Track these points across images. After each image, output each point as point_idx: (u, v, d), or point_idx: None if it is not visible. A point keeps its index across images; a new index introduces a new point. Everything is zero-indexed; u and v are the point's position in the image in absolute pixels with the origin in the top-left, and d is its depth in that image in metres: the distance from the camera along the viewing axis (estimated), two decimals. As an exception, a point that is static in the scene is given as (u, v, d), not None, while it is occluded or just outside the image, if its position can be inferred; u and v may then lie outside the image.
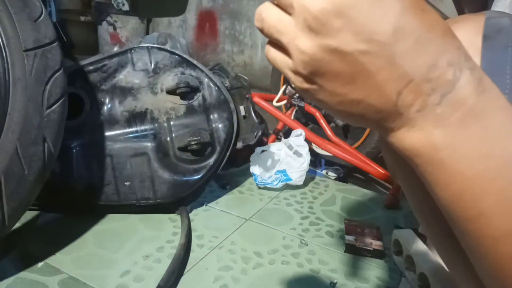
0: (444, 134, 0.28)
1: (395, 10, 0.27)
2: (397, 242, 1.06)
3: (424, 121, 0.28)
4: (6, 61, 0.89)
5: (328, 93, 0.30)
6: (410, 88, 0.28)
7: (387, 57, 0.28)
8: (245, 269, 1.01)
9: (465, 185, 0.29)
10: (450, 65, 0.28)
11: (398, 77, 0.28)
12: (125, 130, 1.21)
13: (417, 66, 0.28)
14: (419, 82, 0.28)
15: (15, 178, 0.89)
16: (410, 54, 0.28)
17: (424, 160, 0.29)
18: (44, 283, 0.92)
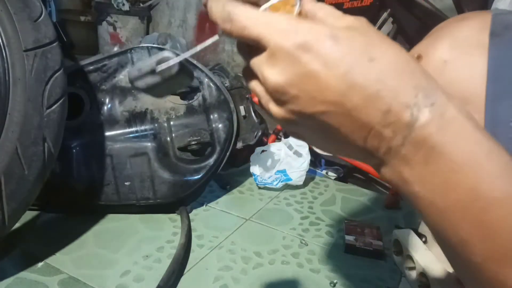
0: (412, 171, 0.30)
1: (341, 71, 0.29)
2: (397, 242, 1.05)
3: (392, 160, 0.31)
4: (6, 61, 0.89)
5: (311, 142, 0.36)
6: (372, 135, 0.30)
7: (344, 113, 0.30)
8: (245, 269, 1.01)
9: (442, 215, 0.31)
10: (406, 107, 0.29)
11: (359, 127, 0.30)
12: (125, 130, 1.21)
13: (373, 115, 0.30)
14: (379, 129, 0.30)
15: (15, 178, 0.89)
16: (363, 107, 0.30)
17: (403, 192, 0.32)
18: (44, 283, 0.92)
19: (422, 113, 0.29)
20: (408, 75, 0.30)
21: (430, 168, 0.30)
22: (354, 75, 0.29)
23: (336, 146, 0.34)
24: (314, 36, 0.30)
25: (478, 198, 0.29)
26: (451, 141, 0.29)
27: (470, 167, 0.29)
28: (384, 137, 0.30)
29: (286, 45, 0.30)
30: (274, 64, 0.31)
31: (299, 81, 0.30)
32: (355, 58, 0.30)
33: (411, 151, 0.30)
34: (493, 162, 0.29)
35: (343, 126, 0.31)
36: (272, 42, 0.31)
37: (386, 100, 0.29)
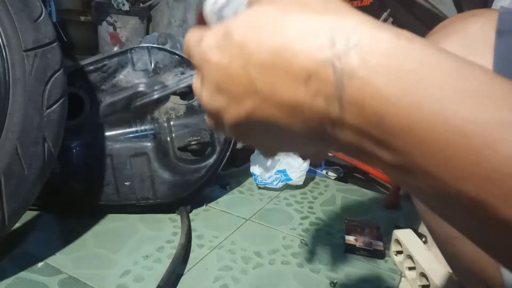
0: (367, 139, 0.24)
1: (232, 54, 0.26)
2: (397, 242, 1.06)
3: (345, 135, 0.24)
4: (6, 61, 0.89)
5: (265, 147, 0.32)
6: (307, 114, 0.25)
7: (268, 100, 0.25)
8: (245, 269, 1.01)
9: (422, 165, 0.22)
10: (325, 63, 0.23)
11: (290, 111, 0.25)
12: (125, 130, 1.21)
13: (297, 91, 0.24)
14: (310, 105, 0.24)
15: (15, 178, 0.89)
16: (279, 84, 0.25)
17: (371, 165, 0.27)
18: (44, 283, 0.92)
19: (347, 60, 0.22)
20: (321, 26, 0.24)
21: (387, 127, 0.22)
22: (256, 53, 0.25)
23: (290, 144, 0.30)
24: (207, 35, 0.28)
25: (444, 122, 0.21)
26: (393, 79, 0.22)
27: (424, 88, 0.21)
28: (320, 111, 0.24)
29: (193, 54, 0.30)
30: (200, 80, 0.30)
31: (213, 91, 0.28)
32: (253, 34, 0.25)
33: (356, 115, 0.23)
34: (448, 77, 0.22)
35: (278, 118, 0.26)
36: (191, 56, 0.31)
37: (300, 65, 0.24)
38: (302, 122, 0.25)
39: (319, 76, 0.23)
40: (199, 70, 0.29)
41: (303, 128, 0.25)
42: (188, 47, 0.31)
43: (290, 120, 0.25)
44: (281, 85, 0.24)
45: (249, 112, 0.26)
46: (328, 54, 0.23)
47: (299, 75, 0.24)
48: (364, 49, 0.22)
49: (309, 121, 0.25)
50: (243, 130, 0.28)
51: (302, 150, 0.31)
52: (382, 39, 0.23)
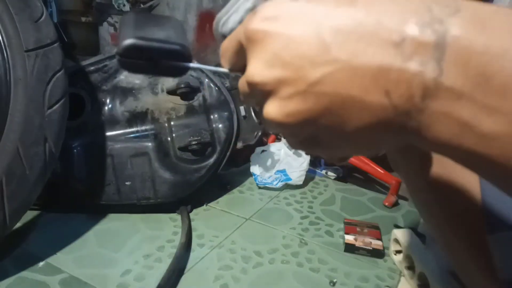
0: (471, 103, 0.21)
1: (314, 23, 0.24)
2: (396, 242, 1.06)
3: (440, 103, 0.22)
4: (7, 61, 0.90)
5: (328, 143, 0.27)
6: (394, 80, 0.23)
7: (342, 69, 0.23)
8: (245, 268, 1.02)
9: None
10: (423, 27, 0.22)
11: (372, 77, 0.23)
12: (126, 130, 1.22)
13: (384, 53, 0.23)
14: (400, 66, 0.22)
15: (16, 178, 0.89)
16: (364, 49, 0.23)
17: (465, 147, 0.23)
18: (45, 282, 0.93)
19: (449, 23, 0.22)
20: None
21: (494, 89, 0.21)
22: (337, 19, 0.24)
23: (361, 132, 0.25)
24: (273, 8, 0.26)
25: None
26: (502, 40, 0.21)
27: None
28: (411, 74, 0.22)
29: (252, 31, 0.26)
30: (249, 60, 0.27)
31: (279, 58, 0.25)
32: (331, 3, 0.24)
33: (458, 75, 0.21)
34: None
35: (350, 87, 0.23)
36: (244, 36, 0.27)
37: (392, 27, 0.22)
38: (384, 91, 0.23)
39: (416, 39, 0.22)
40: (251, 46, 0.26)
41: (384, 98, 0.23)
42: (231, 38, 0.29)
43: (370, 90, 0.23)
44: (365, 50, 0.23)
45: (317, 82, 0.24)
46: (426, 19, 0.22)
47: (389, 38, 0.22)
48: (468, 14, 0.22)
49: (394, 89, 0.22)
50: (304, 111, 0.25)
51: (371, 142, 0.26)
52: (485, 6, 0.22)
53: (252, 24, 0.26)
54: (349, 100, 0.24)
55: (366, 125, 0.24)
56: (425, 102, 0.22)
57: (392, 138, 0.25)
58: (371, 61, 0.23)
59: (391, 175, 1.42)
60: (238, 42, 0.28)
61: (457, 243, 0.50)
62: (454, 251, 0.52)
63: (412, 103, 0.23)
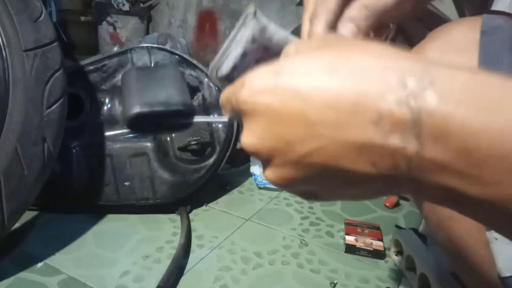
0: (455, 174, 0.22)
1: (297, 98, 0.25)
2: (397, 242, 1.06)
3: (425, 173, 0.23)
4: (6, 61, 0.89)
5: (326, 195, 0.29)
6: (379, 154, 0.24)
7: (328, 144, 0.24)
8: (245, 269, 1.01)
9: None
10: (398, 103, 0.23)
11: (358, 152, 0.24)
12: (125, 130, 1.21)
13: (365, 131, 0.23)
14: (382, 143, 0.23)
15: (15, 178, 0.89)
16: (345, 126, 0.24)
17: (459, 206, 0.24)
18: (44, 283, 0.92)
19: (424, 99, 0.22)
20: (385, 69, 0.24)
21: (475, 161, 0.22)
22: (320, 92, 0.24)
23: (355, 192, 0.27)
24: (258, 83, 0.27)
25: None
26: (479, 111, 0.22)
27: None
28: (394, 149, 0.23)
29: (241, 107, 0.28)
30: (244, 128, 0.28)
31: (267, 131, 0.26)
32: (313, 77, 0.25)
33: (438, 150, 0.22)
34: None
35: (338, 159, 0.25)
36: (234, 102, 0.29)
37: (370, 105, 0.23)
38: (370, 162, 0.24)
39: (393, 116, 0.23)
40: (243, 116, 0.28)
41: (371, 168, 0.24)
42: (227, 95, 0.30)
43: (356, 161, 0.24)
44: (346, 127, 0.24)
45: (306, 155, 0.25)
46: (401, 95, 0.23)
47: (368, 116, 0.23)
48: (442, 86, 0.22)
49: (379, 161, 0.24)
50: (298, 178, 0.27)
51: (366, 193, 0.28)
52: (459, 75, 0.23)
53: (241, 96, 0.27)
54: (339, 170, 0.25)
55: (358, 188, 0.26)
56: (411, 172, 0.23)
57: (384, 193, 0.28)
58: (353, 137, 0.24)
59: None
60: (231, 103, 0.30)
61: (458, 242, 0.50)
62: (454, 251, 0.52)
63: (399, 172, 0.24)
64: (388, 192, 0.27)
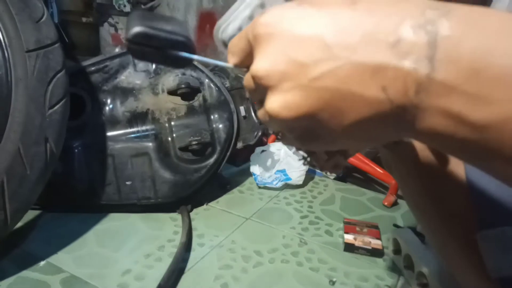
0: (464, 97, 0.23)
1: (322, 21, 0.26)
2: (395, 241, 1.06)
3: (433, 97, 0.24)
4: (8, 62, 0.90)
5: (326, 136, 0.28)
6: (391, 77, 0.24)
7: (343, 65, 0.25)
8: (245, 268, 1.02)
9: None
10: (417, 27, 0.24)
11: (371, 74, 0.25)
12: (126, 130, 1.22)
13: (381, 52, 0.25)
14: (396, 64, 0.24)
15: (17, 178, 0.89)
16: (364, 47, 0.25)
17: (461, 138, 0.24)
18: (46, 282, 0.93)
19: (441, 24, 0.24)
20: (408, 0, 0.26)
21: (484, 81, 0.22)
22: (340, 19, 0.26)
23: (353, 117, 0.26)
24: (280, 11, 0.28)
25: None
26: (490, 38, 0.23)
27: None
28: (406, 71, 0.24)
29: (259, 31, 0.28)
30: (255, 57, 0.29)
31: (285, 53, 0.27)
32: (333, 6, 0.26)
33: (448, 71, 0.23)
34: None
35: (350, 82, 0.25)
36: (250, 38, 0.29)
37: (389, 30, 0.25)
38: (381, 87, 0.25)
39: (409, 39, 0.24)
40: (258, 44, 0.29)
41: (381, 93, 0.25)
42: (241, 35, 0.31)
43: (368, 85, 0.25)
44: (363, 49, 0.25)
45: (318, 77, 0.26)
46: (420, 21, 0.24)
47: (386, 39, 0.24)
48: (458, 14, 0.24)
49: (390, 85, 0.24)
50: (304, 105, 0.27)
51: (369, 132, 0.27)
52: (475, 8, 0.24)
53: (259, 24, 0.28)
54: (349, 94, 0.25)
55: (364, 118, 0.26)
56: (419, 96, 0.24)
57: (387, 131, 0.27)
58: (369, 60, 0.25)
59: (390, 175, 1.42)
60: (246, 40, 0.31)
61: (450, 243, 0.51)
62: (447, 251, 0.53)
63: (407, 98, 0.24)
64: (389, 131, 0.27)
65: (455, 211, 0.48)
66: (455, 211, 0.48)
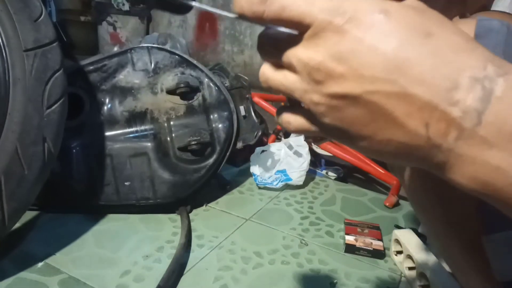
0: (503, 153, 0.25)
1: (392, 45, 0.26)
2: (397, 242, 1.06)
3: (471, 148, 0.26)
4: (6, 61, 0.89)
5: (356, 137, 0.29)
6: (437, 117, 0.26)
7: (398, 92, 0.26)
8: (245, 269, 1.01)
9: None
10: (475, 81, 0.25)
11: (419, 108, 0.26)
12: (125, 130, 1.21)
13: (435, 93, 0.26)
14: (445, 108, 0.25)
15: (15, 178, 0.89)
16: (421, 83, 0.26)
17: (497, 187, 0.26)
18: (44, 283, 0.92)
19: (497, 84, 0.25)
20: (471, 50, 0.26)
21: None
22: (409, 49, 0.26)
23: (387, 137, 0.28)
24: (363, 10, 0.27)
25: None
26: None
27: None
28: (452, 118, 0.25)
29: (333, 21, 0.27)
30: (318, 44, 0.28)
31: (345, 58, 0.27)
32: (409, 32, 0.27)
33: (493, 130, 0.25)
34: None
35: (398, 107, 0.26)
36: (317, 20, 0.27)
37: (450, 75, 0.26)
38: (424, 122, 0.26)
39: (465, 89, 0.25)
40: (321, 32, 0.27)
41: (422, 128, 0.26)
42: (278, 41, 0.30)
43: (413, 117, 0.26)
44: (420, 84, 0.26)
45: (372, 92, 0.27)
46: (480, 75, 0.25)
47: (444, 83, 0.25)
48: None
49: (433, 124, 0.26)
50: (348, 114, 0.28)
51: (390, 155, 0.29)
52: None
53: (334, 18, 0.27)
54: (391, 118, 0.27)
55: (396, 142, 0.27)
56: (457, 142, 0.26)
57: (409, 159, 0.29)
58: (423, 94, 0.26)
59: (392, 176, 1.42)
60: (302, 15, 0.28)
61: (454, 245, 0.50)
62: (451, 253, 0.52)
63: (444, 140, 0.26)
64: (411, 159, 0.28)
65: (460, 213, 0.48)
66: (461, 213, 0.48)
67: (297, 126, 0.31)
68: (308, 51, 0.28)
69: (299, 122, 0.31)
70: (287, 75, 0.30)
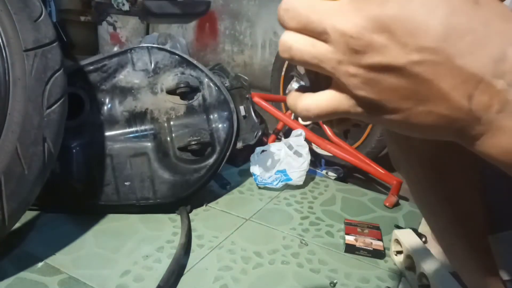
0: None
1: (442, 12, 0.25)
2: (397, 242, 1.06)
3: (510, 120, 0.25)
4: (6, 61, 0.89)
5: (393, 111, 0.27)
6: (481, 89, 0.25)
7: (444, 62, 0.25)
8: (245, 269, 1.01)
9: None
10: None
11: (464, 80, 0.25)
12: (125, 130, 1.21)
13: (482, 64, 0.25)
14: (490, 80, 0.25)
15: (15, 178, 0.89)
16: (470, 53, 0.25)
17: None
18: (44, 283, 0.92)
19: None
20: None
21: None
22: (457, 16, 0.25)
23: (427, 109, 0.27)
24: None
25: None
26: None
27: None
28: (497, 90, 0.25)
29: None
30: (357, 8, 0.25)
31: (388, 25, 0.25)
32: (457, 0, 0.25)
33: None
34: None
35: (443, 78, 0.25)
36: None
37: (498, 45, 0.25)
38: (468, 94, 0.25)
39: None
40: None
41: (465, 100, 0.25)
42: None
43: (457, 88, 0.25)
44: (467, 55, 0.25)
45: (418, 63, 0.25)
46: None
47: (492, 53, 0.25)
48: None
49: (477, 96, 0.25)
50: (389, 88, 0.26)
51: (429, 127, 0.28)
52: None
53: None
54: (436, 89, 0.26)
55: (436, 114, 0.26)
56: (499, 115, 0.25)
57: (445, 131, 0.28)
58: (468, 66, 0.25)
59: (392, 176, 1.42)
60: None
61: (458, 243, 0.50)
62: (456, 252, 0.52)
63: (486, 112, 0.25)
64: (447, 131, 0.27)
65: (466, 211, 0.47)
66: (466, 211, 0.47)
67: (323, 106, 0.29)
68: (345, 17, 0.26)
69: (325, 100, 0.29)
70: (316, 44, 0.27)
